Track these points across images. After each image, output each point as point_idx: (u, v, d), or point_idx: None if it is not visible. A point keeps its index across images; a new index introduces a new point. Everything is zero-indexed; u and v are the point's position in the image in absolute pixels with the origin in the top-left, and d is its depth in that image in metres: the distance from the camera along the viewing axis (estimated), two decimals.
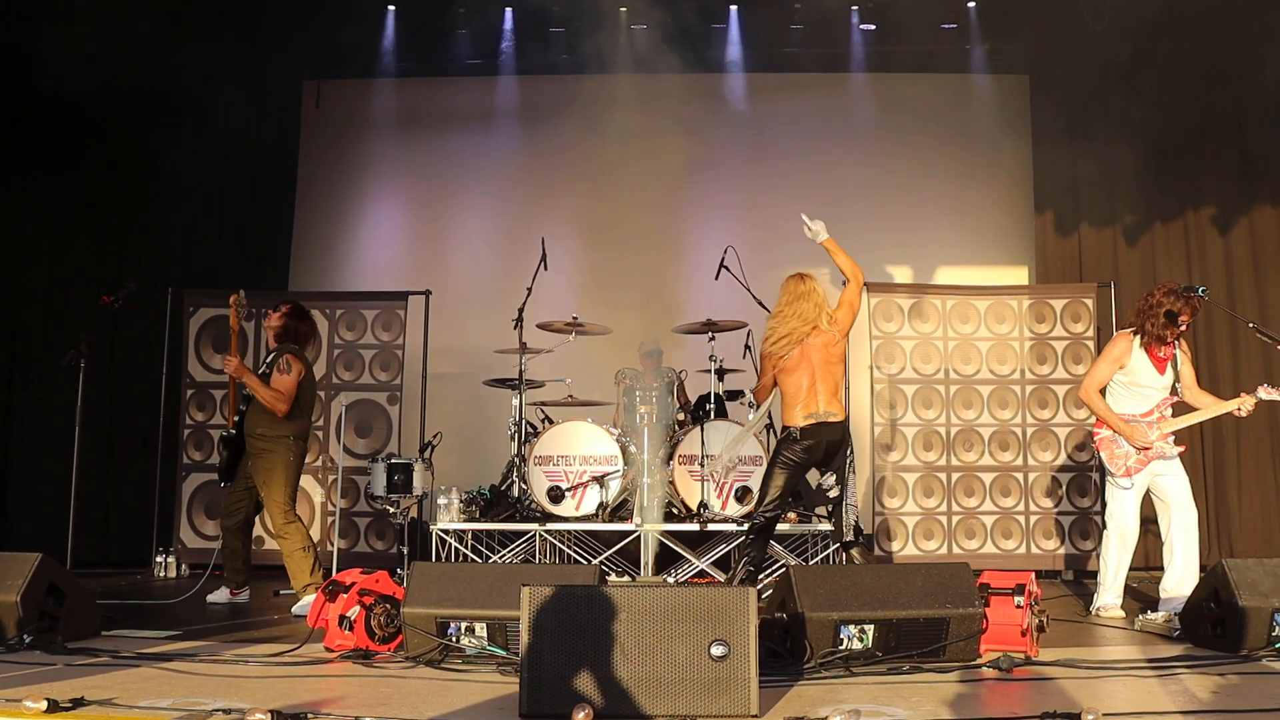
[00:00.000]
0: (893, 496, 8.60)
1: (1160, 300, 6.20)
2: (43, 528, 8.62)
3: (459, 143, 10.53)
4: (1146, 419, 6.25)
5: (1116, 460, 6.27)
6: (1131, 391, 6.32)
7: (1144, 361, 6.27)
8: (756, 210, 10.23)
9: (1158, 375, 6.25)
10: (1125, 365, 6.30)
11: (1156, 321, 6.18)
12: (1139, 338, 6.28)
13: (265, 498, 6.76)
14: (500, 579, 4.81)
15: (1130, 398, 6.32)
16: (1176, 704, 3.97)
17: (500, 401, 8.81)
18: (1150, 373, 6.26)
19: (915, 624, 4.68)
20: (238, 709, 3.70)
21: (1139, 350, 6.28)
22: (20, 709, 3.62)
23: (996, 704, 4.09)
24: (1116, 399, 6.37)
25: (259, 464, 6.73)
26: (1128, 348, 6.31)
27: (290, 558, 6.70)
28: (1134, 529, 6.29)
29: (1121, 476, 6.25)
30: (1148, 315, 6.25)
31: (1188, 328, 6.22)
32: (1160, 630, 5.64)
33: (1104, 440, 6.34)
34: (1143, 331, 6.26)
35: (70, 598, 5.38)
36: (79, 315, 8.96)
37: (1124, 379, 6.33)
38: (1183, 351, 6.33)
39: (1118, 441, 6.28)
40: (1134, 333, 6.32)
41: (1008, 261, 10.21)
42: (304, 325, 7.08)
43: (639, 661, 3.69)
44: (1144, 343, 6.26)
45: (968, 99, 10.27)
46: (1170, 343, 6.24)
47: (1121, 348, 6.33)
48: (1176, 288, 6.22)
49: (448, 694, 4.15)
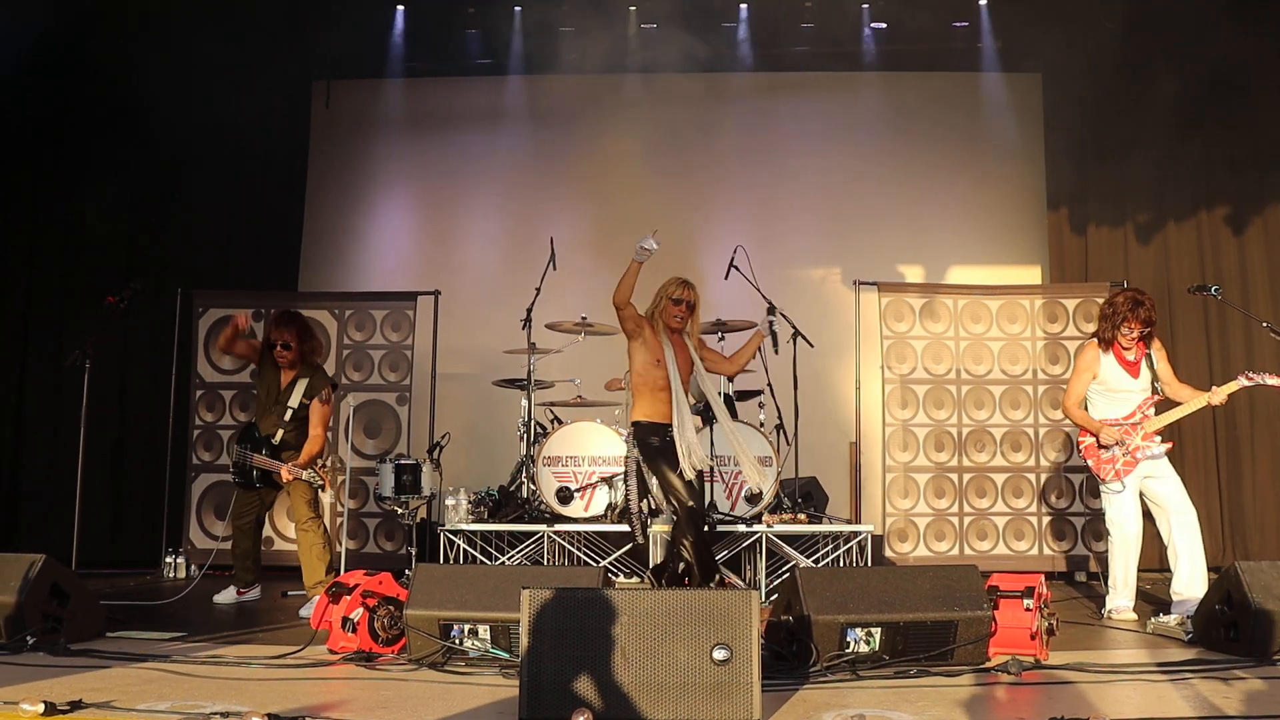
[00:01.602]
0: (904, 497, 8.54)
1: (1113, 303, 6.32)
2: (55, 528, 8.62)
3: (468, 142, 10.50)
4: (1129, 421, 6.26)
5: (1104, 467, 6.28)
6: (1109, 398, 6.36)
7: (1114, 366, 6.32)
8: (766, 210, 10.19)
9: (1131, 378, 6.29)
10: (1097, 374, 6.37)
11: (1110, 327, 6.28)
12: (1101, 345, 6.36)
13: (293, 490, 6.70)
14: (503, 581, 4.79)
15: (1109, 404, 6.37)
16: (1191, 709, 3.92)
17: (509, 402, 8.78)
18: (1122, 377, 6.30)
19: (923, 627, 4.63)
20: (236, 712, 3.68)
21: (1106, 357, 6.34)
22: (18, 711, 3.60)
23: (1005, 708, 4.04)
24: (1096, 407, 6.42)
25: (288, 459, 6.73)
26: (1095, 356, 6.39)
27: (309, 552, 6.69)
28: (1135, 531, 6.28)
29: (1112, 481, 6.25)
30: (1103, 321, 6.36)
31: (1143, 327, 6.22)
32: (1172, 633, 5.58)
33: (1089, 448, 6.38)
34: (1100, 339, 6.36)
35: (74, 599, 5.37)
36: (89, 316, 8.94)
37: (1099, 387, 6.39)
38: (1156, 350, 6.34)
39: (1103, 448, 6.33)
40: (1097, 341, 6.39)
41: (1020, 261, 10.13)
42: (315, 342, 7.03)
43: (640, 665, 3.65)
44: (1104, 349, 6.34)
45: (979, 97, 10.19)
46: (1132, 345, 6.27)
47: (1089, 357, 6.42)
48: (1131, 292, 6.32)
49: (449, 697, 4.12)
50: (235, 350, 7.01)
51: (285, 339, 6.79)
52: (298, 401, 6.79)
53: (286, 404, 6.79)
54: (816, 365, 8.64)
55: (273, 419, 6.82)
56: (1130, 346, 6.27)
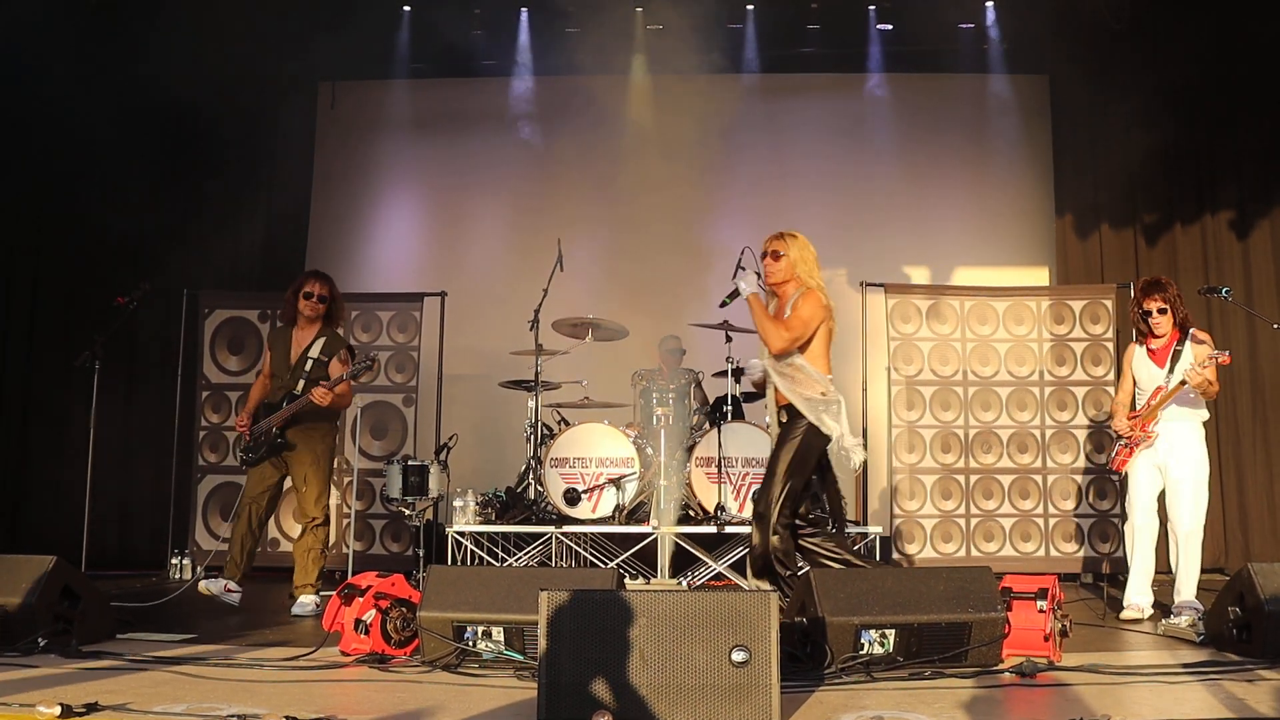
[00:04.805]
0: (911, 499, 8.53)
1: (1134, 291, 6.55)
2: (65, 529, 8.61)
3: (474, 144, 10.50)
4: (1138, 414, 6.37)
5: (1114, 457, 6.49)
6: (1139, 392, 6.45)
7: (1142, 359, 6.39)
8: (773, 210, 10.16)
9: (1156, 368, 6.31)
10: (1132, 371, 6.47)
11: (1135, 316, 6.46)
12: (1136, 340, 6.50)
13: (307, 488, 6.64)
14: (517, 582, 4.77)
15: (1139, 396, 6.45)
16: (1204, 711, 3.91)
17: (516, 403, 8.78)
18: (1147, 366, 6.35)
19: (937, 628, 4.62)
20: (253, 714, 3.67)
21: (1139, 350, 6.44)
22: (34, 713, 3.59)
23: (1019, 710, 4.04)
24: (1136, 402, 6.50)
25: (304, 452, 6.65)
26: (1130, 353, 6.54)
27: (310, 552, 6.65)
28: (1143, 524, 6.32)
29: (1115, 470, 6.53)
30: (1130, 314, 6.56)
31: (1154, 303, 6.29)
32: (1184, 635, 5.58)
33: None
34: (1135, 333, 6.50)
35: (85, 601, 5.36)
36: (97, 316, 8.93)
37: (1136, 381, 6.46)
38: (1194, 344, 6.23)
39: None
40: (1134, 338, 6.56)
41: (1028, 262, 10.14)
42: (342, 303, 7.06)
43: (659, 667, 3.64)
44: (1137, 342, 6.46)
45: (986, 98, 10.20)
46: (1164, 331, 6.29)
47: (1126, 355, 6.59)
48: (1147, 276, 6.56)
49: (465, 699, 4.11)
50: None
51: (321, 291, 6.81)
52: (317, 354, 6.71)
53: (306, 356, 6.70)
54: None
55: (288, 380, 6.70)
56: (1158, 333, 6.29)
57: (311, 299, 6.78)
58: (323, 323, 6.85)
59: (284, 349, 6.82)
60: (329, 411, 6.73)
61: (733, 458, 7.53)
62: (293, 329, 6.86)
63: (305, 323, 6.83)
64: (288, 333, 6.87)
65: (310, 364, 6.71)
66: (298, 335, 6.83)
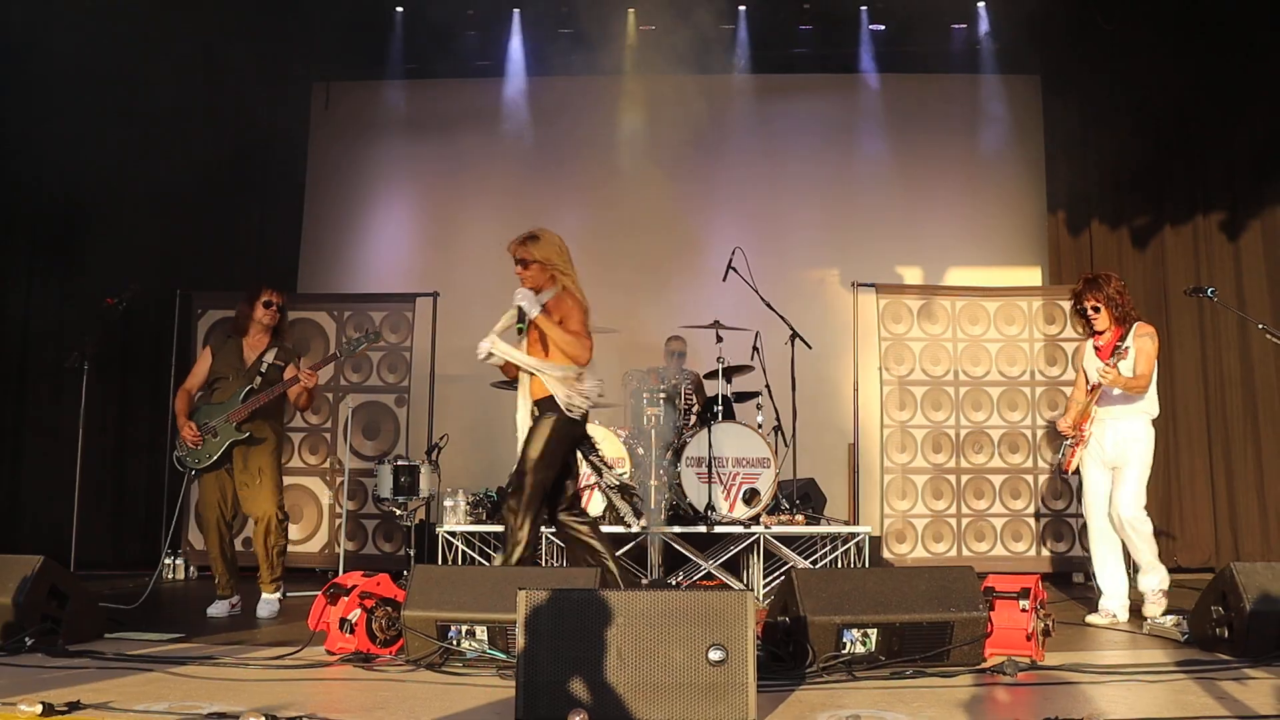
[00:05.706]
0: (902, 499, 8.54)
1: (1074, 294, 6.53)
2: (55, 530, 8.63)
3: (467, 144, 10.49)
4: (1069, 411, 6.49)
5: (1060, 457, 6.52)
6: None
7: (1092, 356, 6.40)
8: (765, 212, 10.21)
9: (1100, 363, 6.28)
10: (1083, 367, 6.48)
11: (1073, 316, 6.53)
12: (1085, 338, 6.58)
13: (262, 491, 6.58)
14: (501, 582, 4.79)
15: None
16: (1182, 710, 3.93)
17: (507, 404, 8.74)
18: (1093, 363, 6.32)
19: (919, 628, 4.64)
20: (233, 713, 3.69)
21: (1088, 347, 6.47)
22: (16, 712, 3.61)
23: (1001, 709, 4.05)
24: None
25: (260, 456, 6.63)
26: (1081, 352, 6.60)
27: (274, 550, 6.61)
28: (1102, 527, 6.31)
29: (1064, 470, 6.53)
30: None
31: (1075, 300, 6.38)
32: (1168, 634, 5.60)
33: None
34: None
35: (73, 600, 5.38)
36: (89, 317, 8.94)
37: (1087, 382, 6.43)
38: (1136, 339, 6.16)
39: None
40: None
41: (1020, 262, 10.15)
42: (288, 318, 7.08)
43: (636, 666, 3.66)
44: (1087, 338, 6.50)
45: (978, 99, 10.20)
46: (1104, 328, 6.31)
47: (1078, 354, 6.76)
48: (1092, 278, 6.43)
49: (446, 698, 4.13)
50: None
51: (279, 301, 6.83)
52: (271, 359, 6.73)
53: (261, 360, 6.71)
54: (814, 366, 8.67)
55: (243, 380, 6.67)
56: (1098, 329, 6.33)
57: (271, 308, 6.80)
58: (271, 335, 6.87)
59: (235, 355, 6.78)
60: (278, 409, 6.78)
61: (723, 457, 7.53)
62: (242, 339, 6.85)
63: (259, 331, 6.82)
64: (238, 342, 6.85)
65: (266, 367, 6.72)
66: (249, 343, 6.82)
